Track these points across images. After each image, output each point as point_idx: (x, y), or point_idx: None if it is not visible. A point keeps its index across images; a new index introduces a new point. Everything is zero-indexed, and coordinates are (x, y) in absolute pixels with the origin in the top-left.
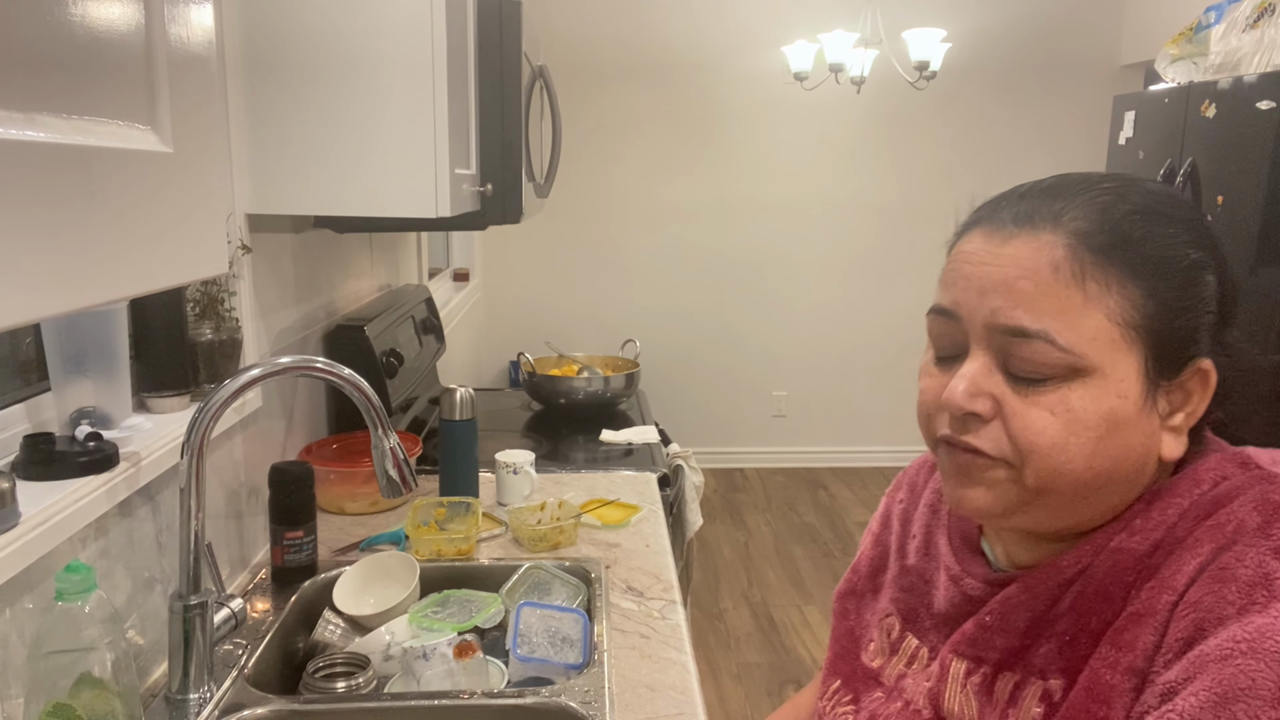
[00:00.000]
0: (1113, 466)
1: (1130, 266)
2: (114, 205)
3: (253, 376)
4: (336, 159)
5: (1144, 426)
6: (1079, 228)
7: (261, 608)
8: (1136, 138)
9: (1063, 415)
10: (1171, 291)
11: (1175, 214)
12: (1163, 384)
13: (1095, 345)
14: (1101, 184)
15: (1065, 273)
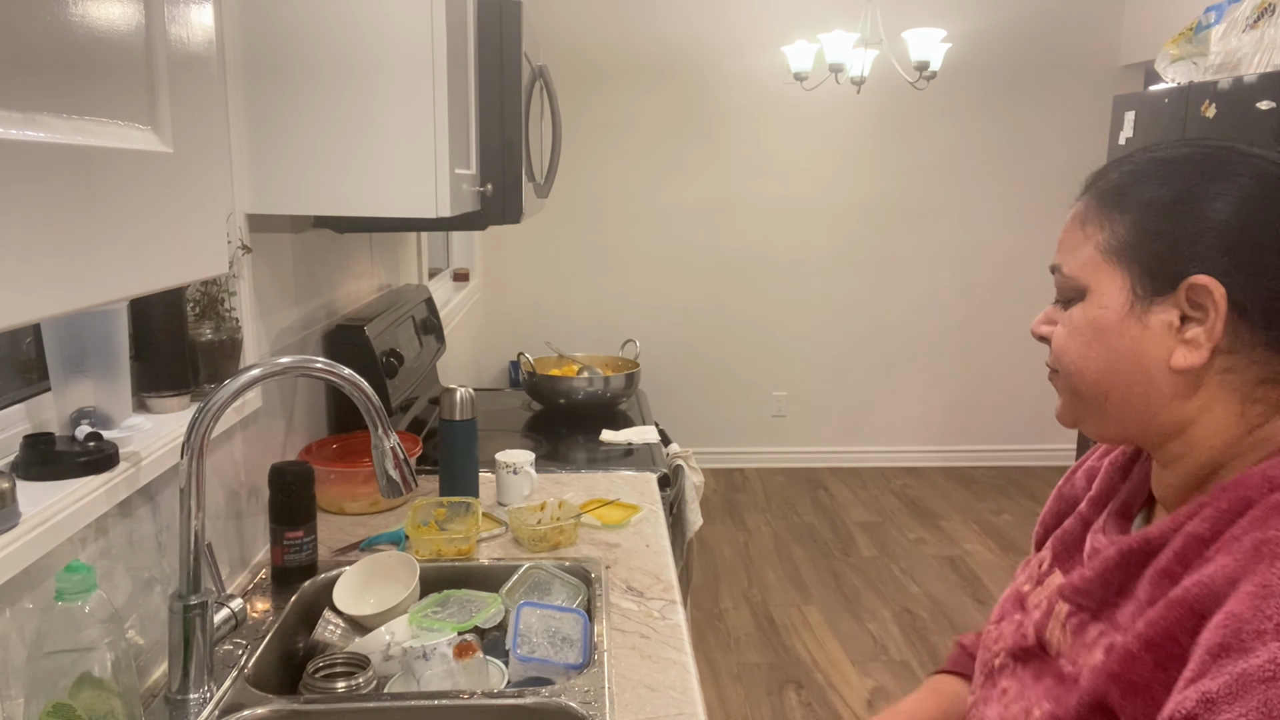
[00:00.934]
0: (1107, 367)
1: (1118, 207)
2: (114, 205)
3: (253, 376)
4: (336, 159)
5: (1130, 332)
6: (1099, 188)
7: (261, 608)
8: (1136, 138)
9: (1067, 325)
10: (1151, 222)
11: (1172, 161)
12: (1157, 298)
13: (1085, 270)
14: (1139, 153)
15: (1079, 222)
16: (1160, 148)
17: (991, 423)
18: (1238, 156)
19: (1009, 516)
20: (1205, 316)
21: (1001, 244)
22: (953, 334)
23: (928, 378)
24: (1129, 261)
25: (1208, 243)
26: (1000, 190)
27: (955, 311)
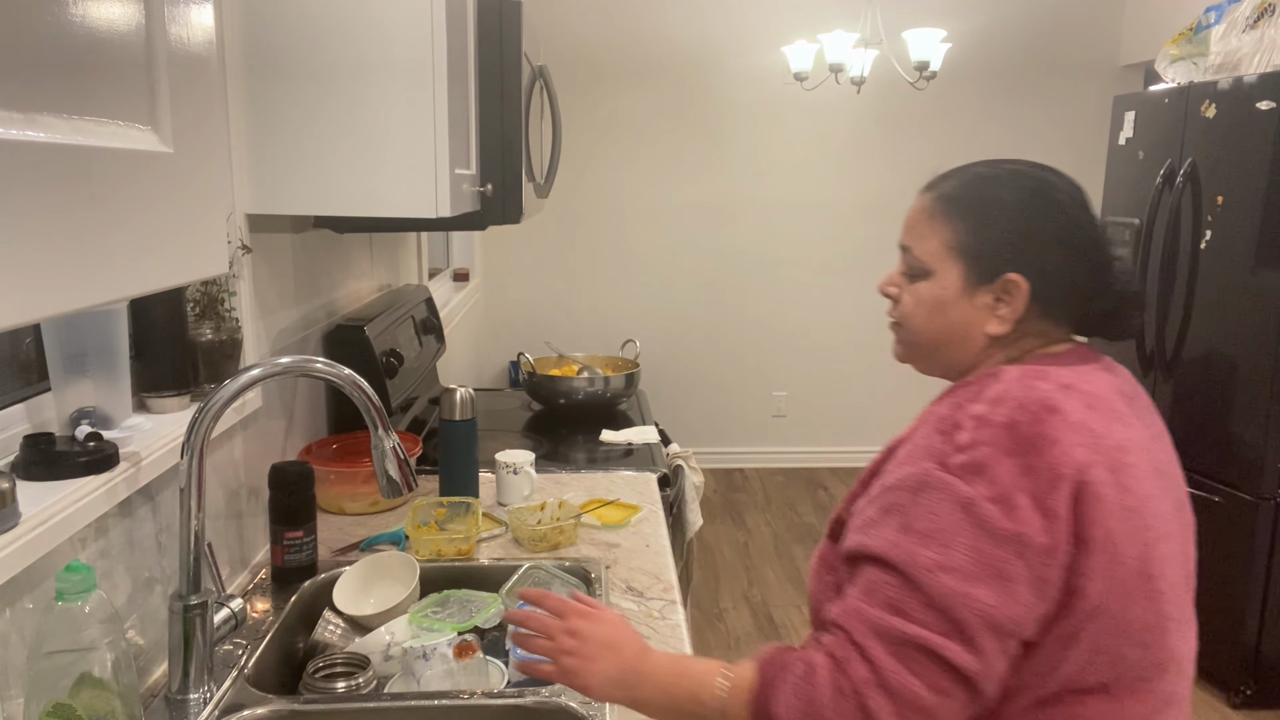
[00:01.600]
0: (941, 332)
1: (957, 212)
2: (114, 205)
3: (253, 377)
4: (336, 159)
5: (962, 309)
6: (942, 190)
7: (261, 608)
8: (1136, 138)
9: (914, 296)
10: (981, 228)
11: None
12: (981, 286)
13: (932, 257)
14: (974, 166)
15: (926, 215)
16: (990, 165)
17: None
18: (1040, 184)
19: None
20: (1012, 300)
21: None
22: None
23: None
24: (965, 257)
25: (1020, 250)
26: None
27: None
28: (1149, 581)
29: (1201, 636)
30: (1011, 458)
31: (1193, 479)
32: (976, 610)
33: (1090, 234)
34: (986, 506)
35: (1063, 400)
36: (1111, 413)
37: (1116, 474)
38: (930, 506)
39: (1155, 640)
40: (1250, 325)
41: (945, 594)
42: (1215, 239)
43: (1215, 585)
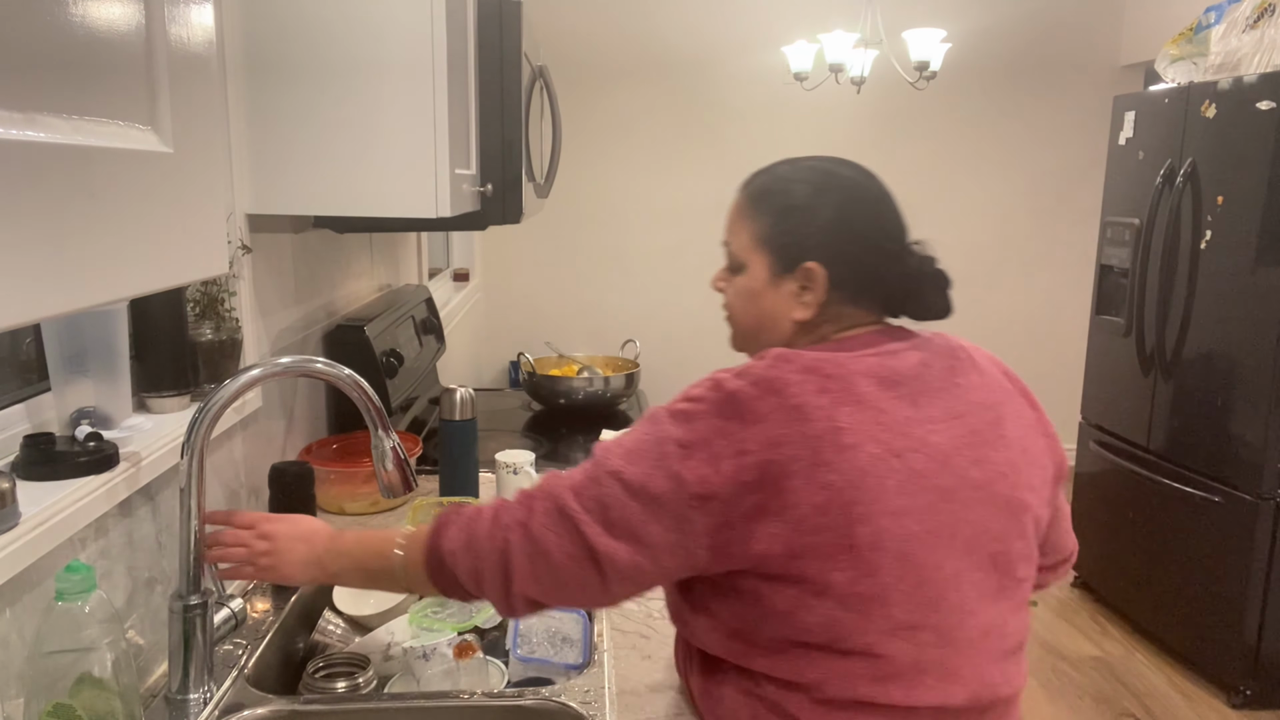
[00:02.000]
0: (756, 320)
1: (760, 208)
2: (114, 205)
3: (253, 377)
4: (337, 159)
5: (770, 297)
6: (749, 189)
7: (261, 608)
8: (1136, 138)
9: (734, 289)
10: (780, 221)
11: (799, 180)
12: (785, 275)
13: (743, 251)
14: (779, 165)
15: (738, 212)
16: (791, 163)
17: None
18: (834, 178)
19: None
20: (814, 287)
21: (1001, 243)
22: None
23: None
24: (768, 249)
25: (816, 240)
26: (1000, 190)
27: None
28: (856, 552)
29: (1202, 636)
30: (716, 419)
31: (1193, 479)
32: (627, 516)
33: (883, 223)
34: (671, 446)
35: (794, 382)
36: (847, 398)
37: (819, 453)
38: (641, 431)
39: (877, 613)
40: (1250, 325)
41: (609, 495)
42: (1215, 239)
43: (1215, 585)
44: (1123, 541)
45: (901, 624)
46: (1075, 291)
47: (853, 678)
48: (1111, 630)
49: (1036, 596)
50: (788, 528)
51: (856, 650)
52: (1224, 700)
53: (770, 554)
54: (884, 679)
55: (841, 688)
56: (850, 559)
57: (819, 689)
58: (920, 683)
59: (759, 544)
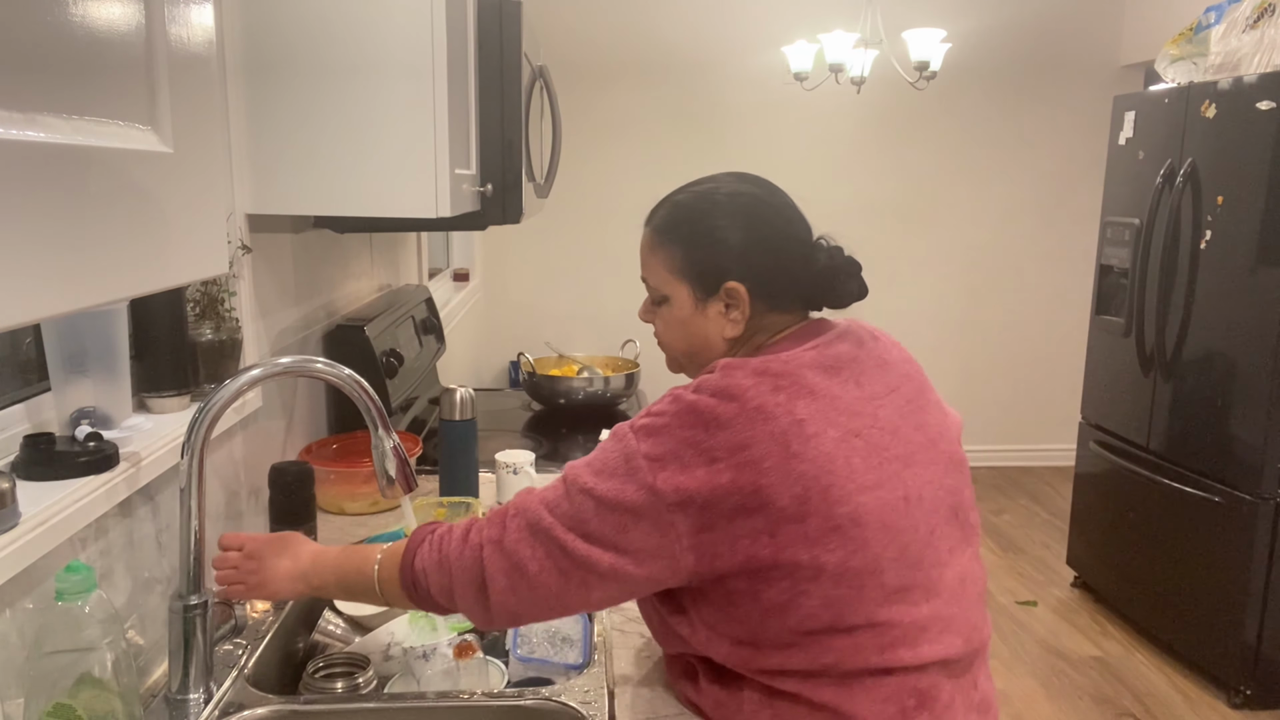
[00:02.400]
0: (689, 345)
1: (670, 240)
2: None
3: (253, 377)
4: (336, 159)
5: (698, 322)
6: (655, 223)
7: (261, 608)
8: (1136, 138)
9: (662, 320)
10: (692, 249)
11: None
12: (710, 299)
13: (663, 284)
14: (675, 195)
15: (649, 247)
16: (687, 190)
17: (991, 423)
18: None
19: (1009, 516)
20: (739, 305)
21: (1001, 244)
22: (952, 334)
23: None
24: (687, 278)
25: (730, 259)
26: (1000, 190)
27: (955, 311)
28: (843, 531)
29: (1201, 636)
30: (682, 431)
31: (1193, 479)
32: (603, 528)
33: (785, 226)
34: (640, 460)
35: (749, 387)
36: (798, 390)
37: (787, 446)
38: (608, 449)
39: (871, 583)
40: (1250, 325)
41: (583, 509)
42: (1215, 239)
43: (1215, 585)
44: (1123, 541)
45: (894, 589)
46: (1075, 291)
47: (862, 650)
48: (1111, 630)
49: (1036, 596)
50: (770, 522)
51: (859, 624)
52: (1224, 700)
53: (757, 552)
54: (890, 645)
55: (854, 662)
56: (839, 539)
57: (834, 670)
58: (922, 639)
59: (743, 543)
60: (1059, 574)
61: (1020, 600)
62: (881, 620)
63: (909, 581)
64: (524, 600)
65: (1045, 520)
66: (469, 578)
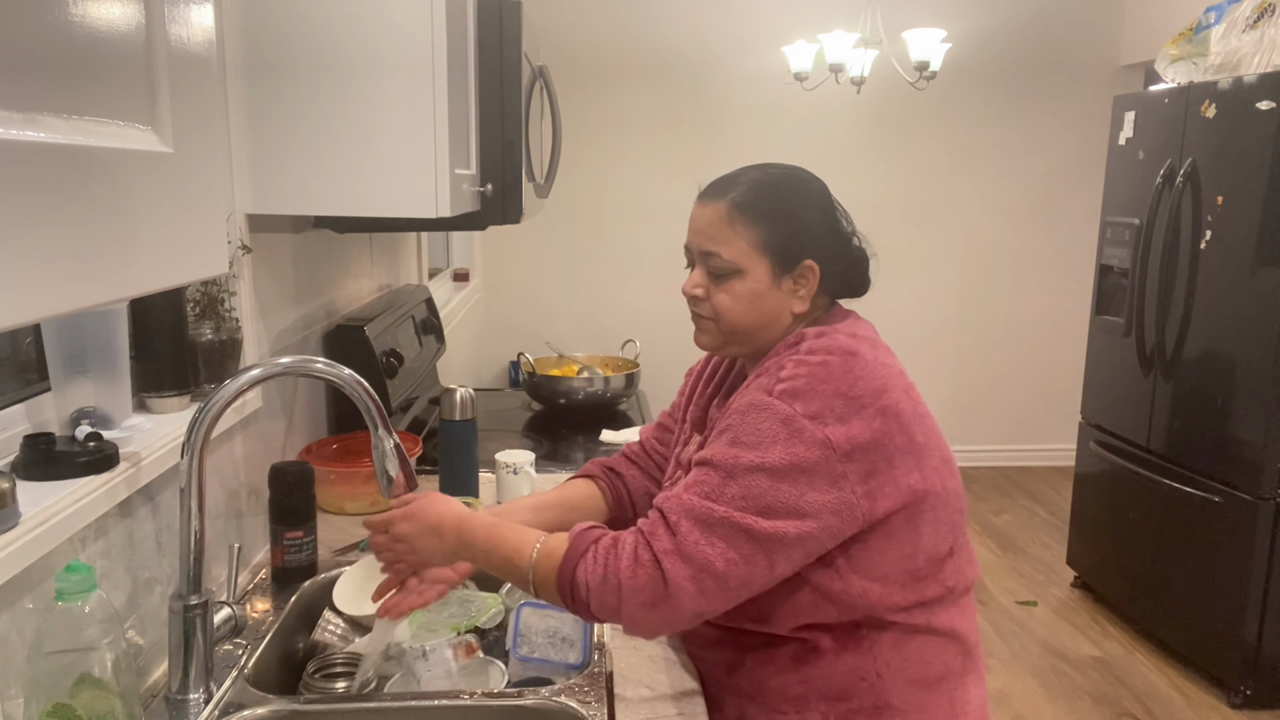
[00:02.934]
0: (758, 319)
1: (753, 217)
2: (114, 205)
3: (253, 377)
4: (336, 159)
5: (774, 297)
6: (732, 199)
7: (261, 608)
8: (1136, 138)
9: (730, 294)
10: (775, 228)
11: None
12: (785, 275)
13: (741, 257)
14: (749, 173)
15: (724, 222)
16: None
17: (991, 423)
18: (804, 183)
19: (1009, 516)
20: (809, 282)
21: (1001, 244)
22: (952, 334)
23: (927, 377)
24: (768, 253)
25: (807, 239)
26: (1000, 190)
27: (955, 311)
28: (949, 462)
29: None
30: (824, 385)
31: (1193, 479)
32: (780, 498)
33: (841, 216)
34: (800, 421)
35: (857, 345)
36: (886, 349)
37: (908, 392)
38: (755, 423)
39: (964, 503)
40: (1250, 325)
41: (757, 486)
42: (1215, 239)
43: (1215, 585)
44: (1123, 541)
45: (964, 512)
46: (1075, 291)
47: (962, 570)
48: (1111, 630)
49: (1036, 596)
50: (917, 457)
51: (962, 544)
52: (1224, 700)
53: (913, 484)
54: (969, 562)
55: (961, 582)
56: (948, 469)
57: (950, 594)
58: (971, 556)
59: (904, 479)
60: (1059, 574)
61: (1020, 600)
62: (965, 540)
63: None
64: (713, 598)
65: (1045, 520)
66: (648, 597)
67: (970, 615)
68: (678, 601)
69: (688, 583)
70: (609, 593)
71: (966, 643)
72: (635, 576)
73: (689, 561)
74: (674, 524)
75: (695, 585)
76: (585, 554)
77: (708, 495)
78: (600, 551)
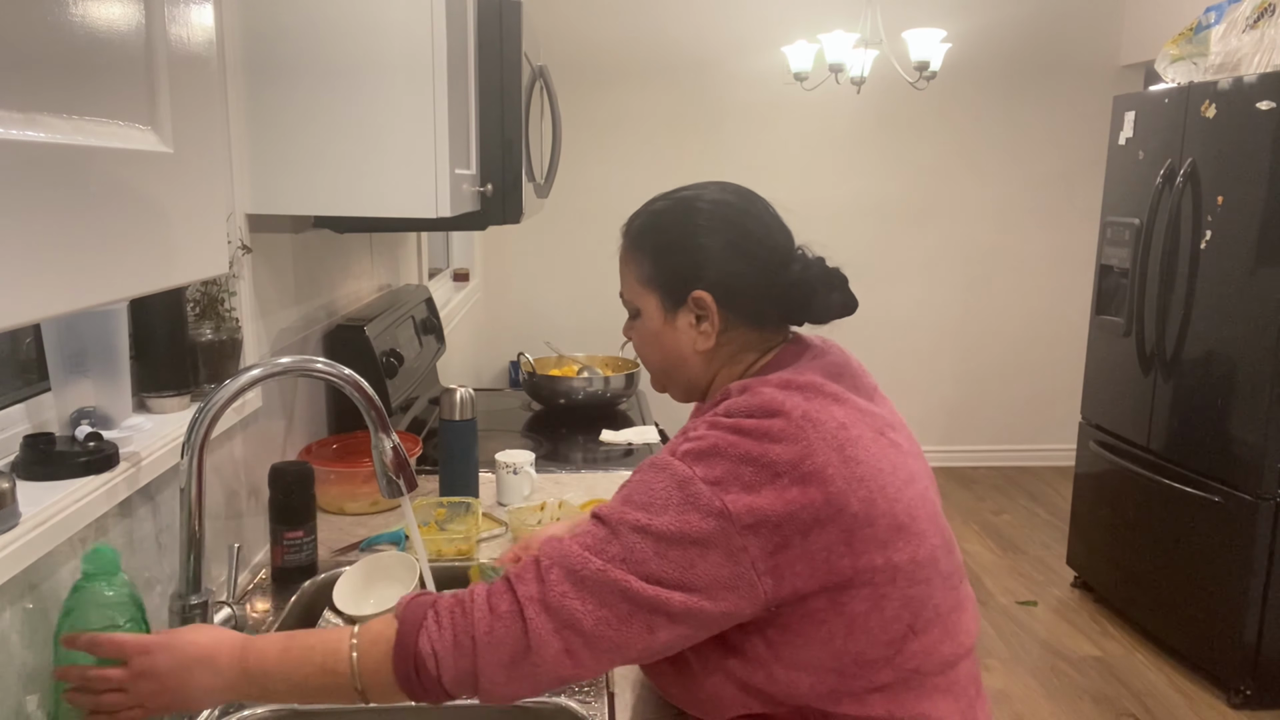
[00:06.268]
0: (662, 358)
1: (640, 250)
2: (114, 205)
3: (253, 377)
4: (336, 159)
5: (669, 335)
6: (628, 233)
7: (261, 608)
8: (1136, 138)
9: (637, 335)
10: (660, 258)
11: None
12: (678, 310)
13: (634, 296)
14: (651, 203)
15: (622, 258)
16: (655, 201)
17: (991, 423)
18: (701, 204)
19: (1009, 516)
20: (708, 316)
21: (1001, 244)
22: (952, 334)
23: (927, 378)
24: (655, 288)
25: (698, 268)
26: (1000, 190)
27: (955, 311)
28: (906, 529)
29: (1201, 636)
30: (734, 448)
31: (1192, 479)
32: (665, 567)
33: (759, 235)
34: (699, 485)
35: (784, 400)
36: (827, 398)
37: (844, 450)
38: (651, 482)
39: (930, 574)
40: (1250, 325)
41: (641, 550)
42: (1215, 239)
43: (1215, 585)
44: (1123, 541)
45: (946, 576)
46: (1075, 291)
47: (936, 647)
48: (1111, 630)
49: (1036, 596)
50: (845, 531)
51: (930, 619)
52: (1224, 700)
53: (836, 563)
54: (951, 634)
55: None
56: (903, 537)
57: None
58: (966, 620)
59: (821, 557)
60: (1059, 574)
61: (1020, 600)
62: (945, 610)
63: (952, 566)
64: (580, 660)
65: (1045, 520)
66: (508, 653)
67: (957, 694)
68: (540, 658)
69: (552, 637)
70: (462, 656)
71: None
72: (492, 630)
73: (553, 614)
74: (545, 570)
75: (560, 641)
76: (424, 622)
77: (588, 547)
78: (444, 614)
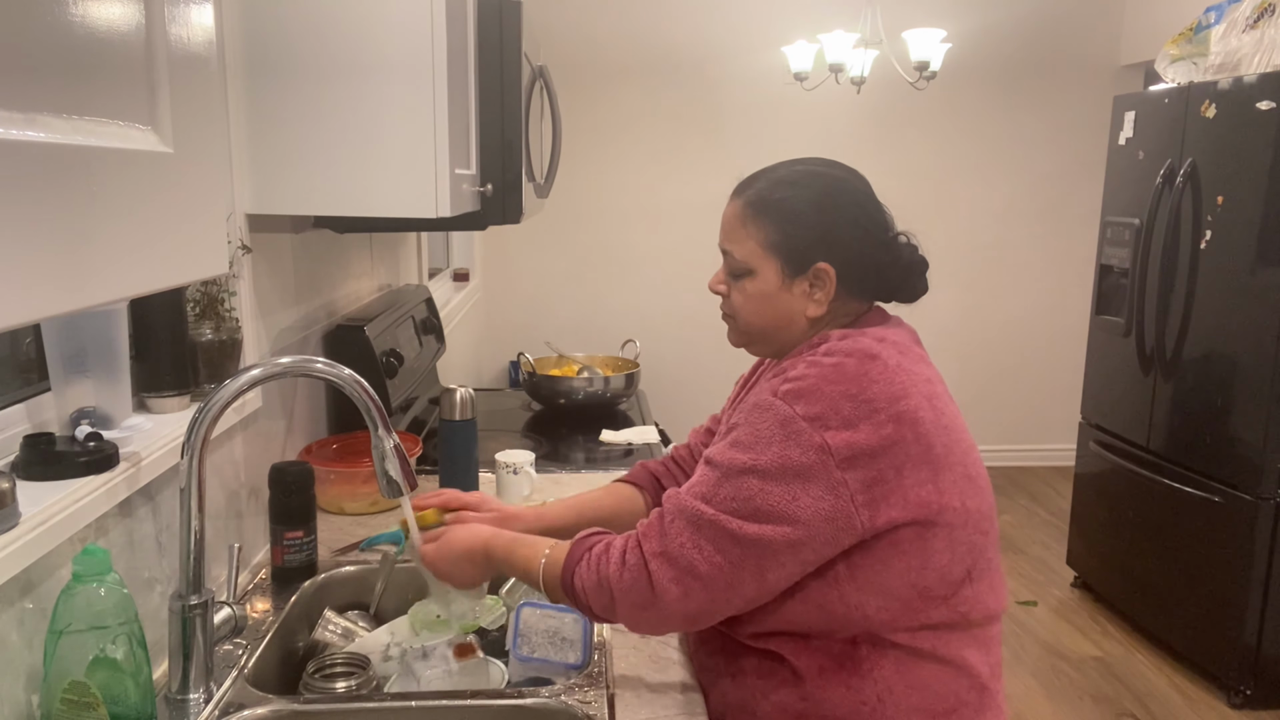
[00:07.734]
0: (771, 320)
1: (764, 216)
2: (114, 205)
3: (253, 377)
4: (336, 159)
5: (784, 299)
6: (749, 196)
7: (261, 608)
8: (1136, 138)
9: (742, 293)
10: (786, 228)
11: (801, 184)
12: (797, 277)
13: (751, 257)
14: (775, 171)
15: (740, 220)
16: (786, 167)
17: (991, 422)
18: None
19: (1009, 516)
20: (824, 286)
21: (1001, 244)
22: (952, 334)
23: None
24: (778, 254)
25: (823, 242)
26: (1000, 190)
27: (955, 311)
28: (975, 480)
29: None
30: (833, 386)
31: (1193, 479)
32: (770, 501)
33: (878, 218)
34: (800, 423)
35: (880, 349)
36: (917, 356)
37: (932, 401)
38: (755, 423)
39: (991, 526)
40: (1250, 325)
41: (748, 488)
42: (1215, 239)
43: (1215, 585)
44: (1123, 541)
45: (994, 535)
46: (1075, 291)
47: (983, 599)
48: (1111, 630)
49: (1036, 596)
50: (933, 469)
51: (984, 570)
52: (1224, 700)
53: (926, 498)
54: (994, 589)
55: (979, 611)
56: (973, 487)
57: (963, 621)
58: (1002, 581)
59: (914, 491)
60: (1059, 574)
61: (1020, 600)
62: (994, 566)
63: (993, 524)
64: (699, 601)
65: (1045, 520)
66: (636, 598)
67: (989, 650)
68: (664, 604)
69: (672, 585)
70: (604, 596)
71: (981, 678)
72: (623, 579)
73: (673, 564)
74: (668, 524)
75: (680, 588)
76: (580, 561)
77: (702, 496)
78: (593, 558)
